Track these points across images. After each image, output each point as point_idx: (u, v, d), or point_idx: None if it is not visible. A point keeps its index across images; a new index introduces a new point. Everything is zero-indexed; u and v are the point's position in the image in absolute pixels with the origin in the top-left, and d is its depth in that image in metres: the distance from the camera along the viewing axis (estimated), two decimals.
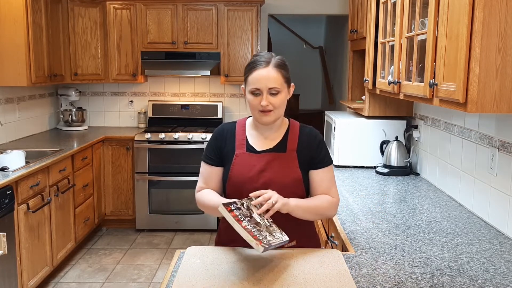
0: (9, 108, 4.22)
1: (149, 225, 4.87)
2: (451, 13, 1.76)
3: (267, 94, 1.72)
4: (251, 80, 1.74)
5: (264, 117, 1.75)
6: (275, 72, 1.73)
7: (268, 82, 1.72)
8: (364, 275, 1.63)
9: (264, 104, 1.72)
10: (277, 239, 1.60)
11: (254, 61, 1.76)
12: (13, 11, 3.82)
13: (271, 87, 1.72)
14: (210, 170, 1.88)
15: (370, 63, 3.07)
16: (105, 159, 4.79)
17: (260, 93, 1.73)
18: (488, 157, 2.22)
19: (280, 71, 1.74)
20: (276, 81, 1.73)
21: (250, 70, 1.76)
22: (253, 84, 1.73)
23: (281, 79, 1.74)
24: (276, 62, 1.75)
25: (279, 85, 1.73)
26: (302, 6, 5.29)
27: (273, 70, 1.73)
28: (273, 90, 1.73)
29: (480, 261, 1.77)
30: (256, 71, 1.73)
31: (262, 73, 1.72)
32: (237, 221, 1.54)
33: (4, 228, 2.89)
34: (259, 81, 1.72)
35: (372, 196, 2.65)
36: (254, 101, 1.75)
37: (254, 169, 1.79)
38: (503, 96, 1.62)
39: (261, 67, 1.73)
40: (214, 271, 1.60)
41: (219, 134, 1.89)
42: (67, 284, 3.77)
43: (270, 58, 1.76)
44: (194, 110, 5.27)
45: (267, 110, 1.74)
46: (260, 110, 1.74)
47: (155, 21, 4.90)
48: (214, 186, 1.88)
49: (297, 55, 8.39)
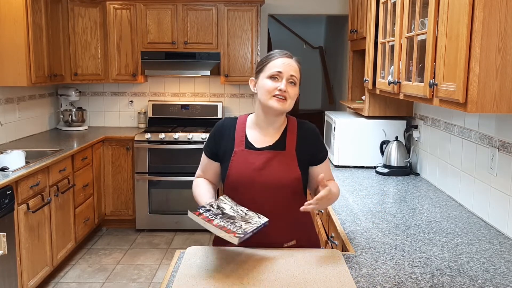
0: (9, 108, 4.22)
1: (149, 225, 4.87)
2: (451, 13, 1.76)
3: (287, 82, 1.76)
4: (273, 64, 1.78)
5: (278, 102, 1.76)
6: (297, 65, 1.82)
7: (291, 70, 1.77)
8: (364, 275, 1.63)
9: (282, 87, 1.75)
10: (254, 224, 1.63)
11: (275, 53, 1.82)
12: (13, 11, 3.82)
13: (293, 75, 1.77)
14: (208, 162, 1.93)
15: (370, 63, 3.07)
16: (105, 159, 4.79)
17: (279, 78, 1.76)
18: (488, 157, 2.22)
19: (299, 67, 1.83)
20: (297, 72, 1.80)
21: (271, 58, 1.80)
22: (276, 68, 1.77)
23: (299, 74, 1.82)
24: (297, 58, 1.85)
25: (298, 77, 1.80)
26: (302, 6, 5.29)
27: (295, 62, 1.82)
28: (293, 79, 1.78)
29: (480, 261, 1.77)
30: (280, 59, 1.79)
31: (285, 61, 1.79)
32: (208, 222, 1.58)
33: (4, 228, 2.89)
34: (282, 66, 1.77)
35: (372, 196, 2.65)
36: (272, 85, 1.77)
37: (252, 167, 1.78)
38: (503, 96, 1.62)
39: (283, 57, 1.80)
40: (214, 271, 1.60)
41: (219, 130, 1.90)
42: (67, 284, 3.77)
43: (291, 54, 1.84)
44: (194, 110, 5.27)
45: (283, 97, 1.75)
46: (274, 94, 1.76)
47: (155, 21, 4.90)
48: (210, 177, 1.95)
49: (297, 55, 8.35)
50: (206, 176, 1.95)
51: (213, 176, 1.94)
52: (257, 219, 1.66)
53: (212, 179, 1.94)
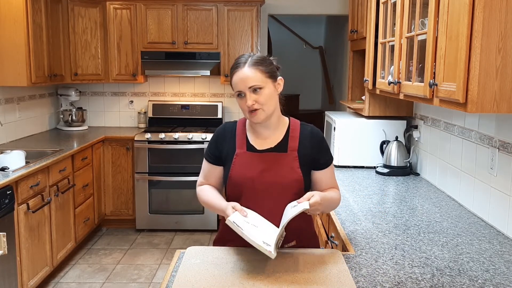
0: (9, 108, 4.22)
1: (149, 225, 4.87)
2: (451, 13, 1.76)
3: (250, 93, 1.72)
4: (233, 84, 1.76)
5: (253, 116, 1.75)
6: (251, 71, 1.72)
7: (246, 82, 1.71)
8: (364, 275, 1.63)
9: (249, 104, 1.72)
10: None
11: (233, 65, 1.77)
12: (13, 11, 3.82)
13: (251, 86, 1.71)
14: (210, 168, 1.91)
15: (370, 63, 3.07)
16: (105, 159, 4.79)
17: (243, 94, 1.73)
18: (488, 157, 2.22)
19: (257, 68, 1.72)
20: (254, 78, 1.71)
21: (231, 75, 1.77)
22: (235, 87, 1.75)
23: (260, 75, 1.72)
24: (252, 60, 1.74)
25: (259, 81, 1.72)
26: (302, 6, 5.29)
27: (249, 69, 1.72)
28: (254, 88, 1.72)
29: (480, 261, 1.77)
30: (234, 75, 1.74)
31: (239, 75, 1.72)
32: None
33: (4, 228, 2.89)
34: (238, 83, 1.73)
35: (372, 196, 2.65)
36: (241, 103, 1.75)
37: (254, 169, 1.78)
38: (503, 96, 1.62)
39: (238, 69, 1.73)
40: (214, 271, 1.60)
41: (220, 134, 1.90)
42: (67, 284, 3.77)
43: (247, 58, 1.75)
44: (194, 110, 5.27)
45: (254, 109, 1.73)
46: (248, 111, 1.74)
47: (155, 21, 4.90)
48: (214, 183, 1.92)
49: (297, 55, 8.39)
50: (209, 183, 1.93)
51: (216, 182, 1.92)
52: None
53: (215, 185, 1.93)
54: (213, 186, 1.92)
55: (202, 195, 1.90)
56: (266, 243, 1.55)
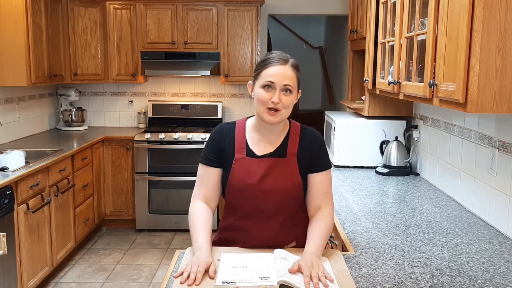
0: (9, 108, 4.22)
1: (149, 225, 4.87)
2: (451, 13, 1.76)
3: (280, 91, 1.70)
4: (266, 73, 1.71)
5: (270, 116, 1.71)
6: (292, 71, 1.72)
7: (284, 79, 1.69)
8: (364, 275, 1.63)
9: (275, 100, 1.68)
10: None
11: (271, 58, 1.73)
12: (13, 11, 3.82)
13: (286, 84, 1.69)
14: (209, 171, 1.81)
15: (370, 63, 3.07)
16: (105, 159, 4.79)
17: (273, 88, 1.70)
18: (488, 157, 2.22)
19: (296, 72, 1.74)
20: (291, 79, 1.71)
21: (266, 65, 1.72)
22: (269, 77, 1.70)
23: (295, 80, 1.73)
24: (293, 62, 1.75)
25: (293, 84, 1.71)
26: (302, 6, 5.29)
27: (290, 68, 1.72)
28: (287, 88, 1.70)
29: (480, 261, 1.77)
30: (273, 66, 1.70)
31: (280, 69, 1.70)
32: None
33: (4, 228, 2.89)
34: (275, 76, 1.69)
35: (372, 196, 2.65)
36: (265, 96, 1.70)
37: (254, 175, 1.75)
38: (503, 96, 1.62)
39: (279, 63, 1.71)
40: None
41: (218, 135, 1.84)
42: (67, 284, 3.77)
43: (288, 57, 1.75)
44: (194, 110, 5.27)
45: (275, 109, 1.69)
46: (268, 107, 1.70)
47: (155, 21, 4.90)
48: (210, 190, 1.82)
49: (297, 55, 8.31)
50: (206, 189, 1.81)
51: (213, 188, 1.81)
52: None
53: (212, 194, 1.82)
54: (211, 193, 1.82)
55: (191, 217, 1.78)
56: (264, 277, 1.51)
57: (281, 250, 1.66)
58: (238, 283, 1.49)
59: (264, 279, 1.50)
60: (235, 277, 1.52)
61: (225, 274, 1.55)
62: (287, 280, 1.47)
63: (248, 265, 1.60)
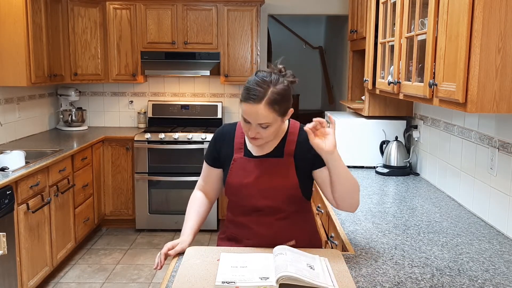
0: (9, 108, 4.22)
1: (149, 225, 4.87)
2: (451, 13, 1.76)
3: (256, 126, 1.68)
4: (243, 110, 1.67)
5: (253, 141, 1.75)
6: (266, 110, 1.62)
7: (257, 119, 1.65)
8: (364, 275, 1.63)
9: (251, 135, 1.70)
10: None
11: (249, 90, 1.64)
12: (13, 11, 3.82)
13: (260, 123, 1.66)
14: (210, 170, 1.93)
15: (370, 63, 3.07)
16: (105, 159, 4.79)
17: (250, 123, 1.68)
18: (488, 157, 2.22)
19: (273, 107, 1.63)
20: (266, 118, 1.64)
21: (243, 98, 1.66)
22: (243, 113, 1.67)
23: (273, 114, 1.64)
24: (270, 98, 1.62)
25: (270, 120, 1.65)
26: (302, 6, 5.29)
27: (264, 108, 1.62)
28: (263, 125, 1.67)
29: (480, 261, 1.77)
30: (247, 105, 1.64)
31: (252, 109, 1.63)
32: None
33: (4, 228, 2.89)
34: (249, 115, 1.65)
35: (372, 196, 2.65)
36: (245, 127, 1.72)
37: (250, 175, 1.80)
38: (503, 96, 1.62)
39: (253, 102, 1.62)
40: (214, 271, 1.60)
41: (219, 136, 1.91)
42: (67, 284, 3.77)
43: (266, 90, 1.62)
44: (194, 110, 5.27)
45: (255, 139, 1.73)
46: (249, 136, 1.73)
47: (155, 21, 4.90)
48: (211, 186, 1.95)
49: (297, 55, 8.39)
50: (207, 185, 1.96)
51: (214, 185, 1.95)
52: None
53: (213, 189, 1.96)
54: (210, 191, 1.96)
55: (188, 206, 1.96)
56: (264, 277, 1.51)
57: (280, 246, 1.66)
58: (237, 283, 1.49)
59: (264, 279, 1.50)
60: (234, 277, 1.53)
61: (224, 274, 1.55)
62: (286, 275, 1.46)
63: (247, 265, 1.61)
